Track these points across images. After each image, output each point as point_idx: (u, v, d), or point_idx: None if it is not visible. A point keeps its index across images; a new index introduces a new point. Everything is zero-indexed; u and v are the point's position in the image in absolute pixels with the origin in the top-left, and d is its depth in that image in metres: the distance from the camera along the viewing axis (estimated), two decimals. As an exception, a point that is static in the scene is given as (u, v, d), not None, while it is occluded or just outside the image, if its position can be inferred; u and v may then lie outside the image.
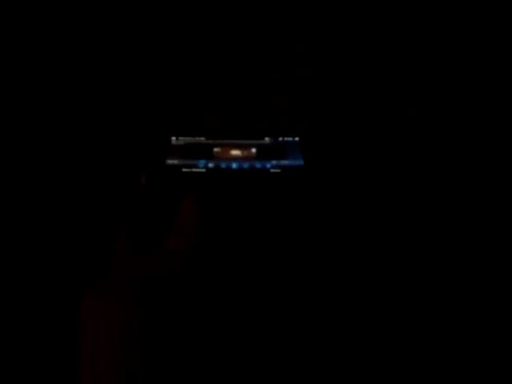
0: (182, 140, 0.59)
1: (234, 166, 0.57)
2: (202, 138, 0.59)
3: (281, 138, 0.60)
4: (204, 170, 0.57)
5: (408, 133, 0.62)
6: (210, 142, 0.59)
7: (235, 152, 0.58)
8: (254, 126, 0.65)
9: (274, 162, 0.58)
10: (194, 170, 0.57)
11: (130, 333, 0.36)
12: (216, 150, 0.58)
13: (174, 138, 0.59)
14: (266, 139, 0.59)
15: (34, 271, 0.57)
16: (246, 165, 0.57)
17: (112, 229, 0.54)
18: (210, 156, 0.58)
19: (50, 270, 0.57)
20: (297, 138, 0.60)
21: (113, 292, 0.38)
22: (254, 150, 0.58)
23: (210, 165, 0.57)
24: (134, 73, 0.65)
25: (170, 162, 0.57)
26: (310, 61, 0.66)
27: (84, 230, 0.59)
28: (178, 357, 0.37)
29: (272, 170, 0.57)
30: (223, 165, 0.57)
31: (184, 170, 0.57)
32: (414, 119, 0.63)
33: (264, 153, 0.58)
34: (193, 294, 0.41)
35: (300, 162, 0.58)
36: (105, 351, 0.36)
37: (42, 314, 0.55)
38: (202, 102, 0.66)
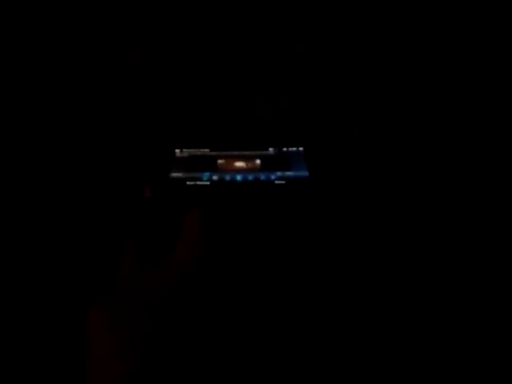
0: (186, 152, 0.59)
1: (239, 178, 0.57)
2: (206, 150, 0.59)
3: (285, 149, 0.59)
4: (208, 183, 0.57)
5: (410, 134, 0.62)
6: (214, 153, 0.58)
7: (239, 164, 0.58)
8: (253, 129, 0.64)
9: (278, 174, 0.57)
10: (198, 182, 0.57)
11: (137, 347, 0.36)
12: (220, 161, 0.58)
13: (177, 151, 0.59)
14: (270, 150, 0.59)
15: (38, 286, 0.57)
16: (250, 177, 0.57)
17: (116, 242, 0.54)
18: (215, 168, 0.57)
19: (55, 286, 0.57)
20: (301, 148, 0.59)
21: (119, 307, 0.38)
22: (258, 162, 0.58)
23: (215, 177, 0.57)
24: (138, 85, 0.64)
25: (174, 174, 0.57)
26: (310, 61, 0.65)
27: (87, 243, 0.59)
28: (185, 369, 0.37)
29: (277, 182, 0.57)
30: (228, 177, 0.57)
31: (188, 183, 0.57)
32: (414, 119, 0.62)
33: (268, 164, 0.58)
34: (198, 306, 0.41)
35: (305, 173, 0.58)
36: (112, 366, 0.36)
37: (49, 330, 0.55)
38: (203, 111, 0.65)
